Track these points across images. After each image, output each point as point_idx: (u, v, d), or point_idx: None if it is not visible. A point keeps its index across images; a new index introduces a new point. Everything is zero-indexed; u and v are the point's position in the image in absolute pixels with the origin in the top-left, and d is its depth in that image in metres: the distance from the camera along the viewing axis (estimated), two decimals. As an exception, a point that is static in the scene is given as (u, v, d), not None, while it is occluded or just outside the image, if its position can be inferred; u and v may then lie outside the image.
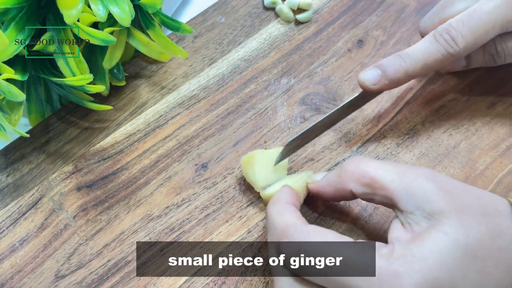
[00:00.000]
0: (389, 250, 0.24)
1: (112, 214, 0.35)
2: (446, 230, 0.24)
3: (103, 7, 0.33)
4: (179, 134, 0.38)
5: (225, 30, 0.43)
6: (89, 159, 0.38)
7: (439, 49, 0.32)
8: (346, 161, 0.29)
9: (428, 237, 0.24)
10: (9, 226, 0.35)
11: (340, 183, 0.28)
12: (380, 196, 0.26)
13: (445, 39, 0.32)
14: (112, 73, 0.39)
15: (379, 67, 0.33)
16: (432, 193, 0.25)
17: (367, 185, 0.27)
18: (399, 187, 0.25)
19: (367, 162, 0.27)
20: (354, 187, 0.27)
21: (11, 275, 0.34)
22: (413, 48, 0.33)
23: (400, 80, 0.33)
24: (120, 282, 0.33)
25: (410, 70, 0.32)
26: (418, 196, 0.25)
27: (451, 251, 0.23)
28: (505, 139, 0.36)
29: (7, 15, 0.32)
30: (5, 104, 0.34)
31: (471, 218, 0.24)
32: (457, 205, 0.25)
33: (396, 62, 0.33)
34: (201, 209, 0.35)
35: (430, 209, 0.24)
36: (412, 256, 0.23)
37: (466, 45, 0.32)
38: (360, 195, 0.28)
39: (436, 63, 0.32)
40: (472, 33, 0.31)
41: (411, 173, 0.26)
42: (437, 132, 0.37)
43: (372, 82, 0.33)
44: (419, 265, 0.23)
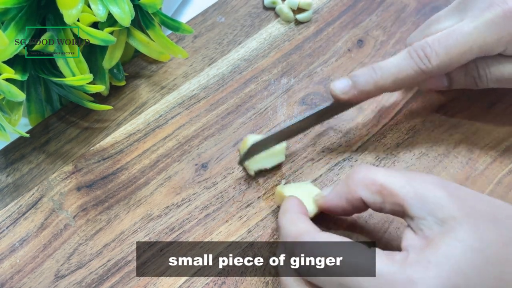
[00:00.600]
0: (403, 256, 0.24)
1: (112, 214, 0.35)
2: (460, 236, 0.23)
3: (103, 7, 0.33)
4: (179, 134, 0.38)
5: (225, 30, 0.43)
6: (89, 159, 0.38)
7: (412, 65, 0.31)
8: (353, 170, 0.28)
9: (442, 243, 0.23)
10: (9, 226, 0.35)
11: (350, 192, 0.28)
12: (390, 203, 0.26)
13: (418, 55, 0.31)
14: (112, 73, 0.39)
15: (351, 77, 0.33)
16: (443, 199, 0.25)
17: (377, 192, 0.27)
18: (410, 193, 0.25)
19: (375, 170, 0.27)
20: (365, 194, 0.27)
21: (11, 275, 0.34)
22: (386, 62, 0.32)
23: (370, 92, 0.33)
24: (120, 282, 0.33)
25: (380, 83, 0.32)
26: (429, 202, 0.25)
27: (467, 257, 0.23)
28: (505, 139, 0.36)
29: (7, 15, 0.32)
30: (5, 104, 0.34)
31: (483, 224, 0.24)
32: (468, 211, 0.24)
33: (367, 74, 0.32)
34: (201, 209, 0.35)
35: (441, 215, 0.24)
36: (427, 262, 0.23)
37: (440, 63, 0.31)
38: (370, 203, 0.27)
39: (407, 78, 0.32)
40: (447, 52, 0.31)
41: (420, 180, 0.26)
42: (437, 132, 0.37)
43: (342, 91, 0.33)
44: (434, 272, 0.22)
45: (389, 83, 0.32)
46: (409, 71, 0.32)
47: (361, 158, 0.36)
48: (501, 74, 0.33)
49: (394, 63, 0.32)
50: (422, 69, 0.31)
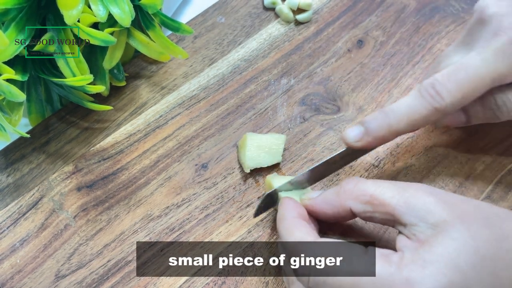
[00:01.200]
0: (399, 256, 0.24)
1: (112, 214, 0.35)
2: (453, 235, 0.24)
3: (103, 7, 0.33)
4: (179, 134, 0.38)
5: (225, 30, 0.43)
6: (89, 159, 0.38)
7: (424, 104, 0.30)
8: (344, 181, 0.29)
9: (436, 242, 0.24)
10: (9, 226, 0.35)
11: (339, 201, 0.28)
12: (381, 213, 0.27)
13: (429, 94, 0.30)
14: (112, 73, 0.39)
15: (363, 124, 0.32)
16: (432, 204, 0.25)
17: (367, 203, 0.27)
18: (400, 202, 0.26)
19: (365, 181, 0.28)
20: (354, 205, 0.27)
21: (11, 275, 0.34)
22: (397, 104, 0.31)
23: (385, 137, 0.31)
24: (120, 282, 0.33)
25: (394, 127, 0.31)
26: (419, 209, 0.25)
27: (461, 255, 0.23)
28: (505, 139, 0.36)
29: (7, 15, 0.32)
30: (5, 104, 0.34)
31: (474, 223, 0.24)
32: (458, 213, 0.25)
33: (379, 118, 0.31)
34: (201, 209, 0.35)
35: (433, 220, 0.25)
36: (423, 261, 0.23)
37: (453, 100, 0.30)
38: (360, 213, 0.28)
39: (421, 118, 0.30)
40: (459, 87, 0.30)
41: (409, 189, 0.26)
42: (437, 132, 0.37)
43: (355, 139, 0.31)
44: (430, 270, 0.23)
45: (403, 126, 0.31)
46: (422, 111, 0.30)
47: (361, 158, 0.36)
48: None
49: (406, 104, 0.31)
50: (436, 107, 0.30)
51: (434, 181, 0.35)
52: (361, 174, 0.36)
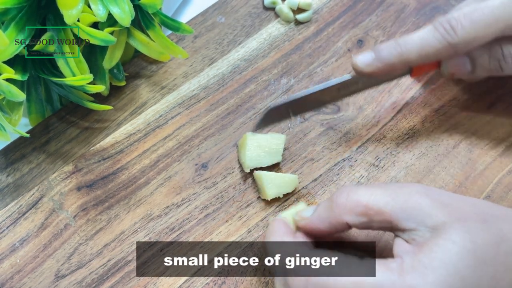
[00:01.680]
0: (398, 263, 0.24)
1: (112, 214, 0.35)
2: (453, 238, 0.24)
3: (103, 7, 0.33)
4: (179, 134, 0.38)
5: (225, 30, 0.43)
6: (89, 159, 0.38)
7: (438, 37, 0.31)
8: (335, 194, 0.28)
9: (436, 246, 0.24)
10: (9, 226, 0.35)
11: (334, 217, 0.27)
12: (378, 221, 0.26)
13: (444, 28, 0.31)
14: (112, 73, 0.39)
15: (374, 50, 0.32)
16: (429, 207, 0.25)
17: (363, 214, 0.26)
18: (396, 208, 0.25)
19: (356, 191, 0.27)
20: (350, 219, 0.27)
21: (11, 275, 0.34)
22: (411, 35, 0.32)
23: (394, 64, 0.32)
24: (120, 282, 0.33)
25: (404, 55, 0.32)
26: (417, 213, 0.25)
27: (462, 259, 0.23)
28: (505, 139, 0.36)
29: (7, 15, 0.32)
30: (5, 104, 0.34)
31: (473, 225, 0.24)
32: (456, 214, 0.25)
33: (391, 46, 0.32)
34: (201, 209, 0.35)
35: (432, 223, 0.24)
36: (423, 268, 0.23)
37: (465, 36, 0.31)
38: (357, 225, 0.27)
39: (432, 51, 0.31)
40: (473, 24, 0.30)
41: (403, 192, 0.26)
42: (437, 132, 0.37)
43: (365, 63, 0.32)
44: (432, 276, 0.23)
45: (413, 56, 0.32)
46: (434, 43, 0.31)
47: (361, 158, 0.36)
48: None
49: (420, 36, 0.32)
50: (448, 41, 0.31)
51: (434, 181, 0.35)
52: (361, 174, 0.36)
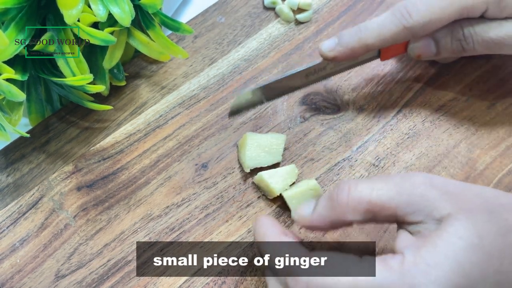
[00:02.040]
0: (398, 261, 0.23)
1: (112, 214, 0.35)
2: (459, 232, 0.23)
3: (103, 7, 0.33)
4: (179, 134, 0.38)
5: (225, 30, 0.43)
6: (89, 159, 0.38)
7: (394, 21, 0.32)
8: (336, 192, 0.26)
9: (440, 241, 0.23)
10: (9, 226, 0.35)
11: (336, 216, 0.26)
12: (383, 216, 0.25)
13: (401, 12, 0.32)
14: (112, 73, 0.39)
15: (337, 36, 0.34)
16: (435, 199, 0.24)
17: (367, 211, 0.25)
18: (401, 203, 0.25)
19: (356, 187, 0.26)
20: (354, 217, 0.26)
21: (11, 275, 0.34)
22: (371, 20, 0.34)
23: (354, 48, 0.33)
24: (120, 282, 0.33)
25: (363, 39, 0.33)
26: (423, 206, 0.24)
27: (467, 255, 0.22)
28: (505, 139, 0.36)
29: (7, 15, 0.32)
30: (5, 104, 0.34)
31: (479, 217, 0.24)
32: (462, 205, 0.24)
33: (352, 31, 0.33)
34: (201, 209, 0.35)
35: (438, 215, 0.24)
36: (426, 265, 0.22)
37: (421, 20, 0.32)
38: (361, 222, 0.26)
39: (390, 35, 0.33)
40: (428, 9, 0.32)
41: (407, 184, 0.25)
42: (437, 132, 0.37)
43: (328, 49, 0.34)
44: (435, 274, 0.22)
45: (372, 39, 0.33)
46: (391, 27, 0.33)
47: (361, 158, 0.36)
48: (487, 35, 0.33)
49: (378, 21, 0.33)
50: (404, 25, 0.32)
51: (434, 181, 0.35)
52: (361, 174, 0.36)
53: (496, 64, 0.39)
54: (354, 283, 0.23)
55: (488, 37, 0.33)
